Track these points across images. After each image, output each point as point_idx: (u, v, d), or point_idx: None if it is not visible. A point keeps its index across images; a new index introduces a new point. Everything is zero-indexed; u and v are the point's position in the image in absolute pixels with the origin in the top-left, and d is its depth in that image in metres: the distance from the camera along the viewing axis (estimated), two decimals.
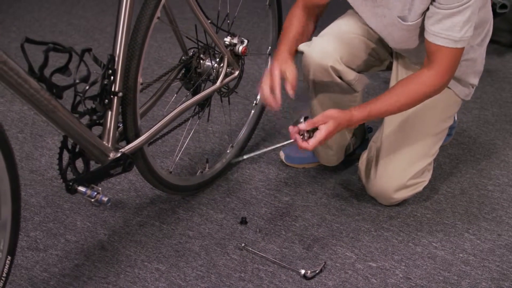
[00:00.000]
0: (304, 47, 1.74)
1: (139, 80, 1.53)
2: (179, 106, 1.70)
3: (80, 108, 1.45)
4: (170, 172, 1.81)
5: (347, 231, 1.79)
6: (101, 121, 1.51)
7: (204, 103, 1.83)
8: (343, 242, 1.75)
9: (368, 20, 1.71)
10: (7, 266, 1.33)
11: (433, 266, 1.68)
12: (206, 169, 1.92)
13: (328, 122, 1.56)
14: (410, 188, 1.82)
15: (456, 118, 2.21)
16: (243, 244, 1.70)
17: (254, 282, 1.60)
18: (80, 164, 1.50)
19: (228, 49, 1.79)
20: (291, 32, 1.71)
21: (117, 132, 1.55)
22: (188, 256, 1.68)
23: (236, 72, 1.83)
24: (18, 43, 2.88)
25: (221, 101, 1.94)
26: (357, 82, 1.80)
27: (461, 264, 1.69)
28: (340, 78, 1.77)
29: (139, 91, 1.55)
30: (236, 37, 1.80)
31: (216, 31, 1.75)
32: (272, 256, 1.68)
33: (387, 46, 1.81)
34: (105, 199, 1.45)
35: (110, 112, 1.50)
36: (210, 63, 1.77)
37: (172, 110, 1.69)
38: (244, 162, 2.08)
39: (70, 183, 1.45)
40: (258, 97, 2.08)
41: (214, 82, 1.79)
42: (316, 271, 1.63)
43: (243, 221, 1.80)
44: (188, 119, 1.87)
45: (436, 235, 1.80)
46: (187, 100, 1.74)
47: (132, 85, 1.51)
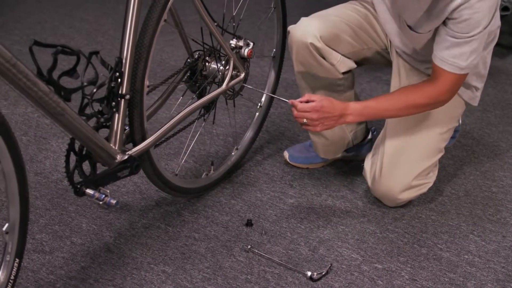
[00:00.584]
0: (290, 26, 1.82)
1: (146, 82, 1.53)
2: (185, 108, 1.70)
3: (87, 110, 1.45)
4: (176, 174, 1.81)
5: (353, 233, 1.80)
6: (108, 123, 1.51)
7: (209, 106, 1.83)
8: (348, 244, 1.75)
9: (383, 19, 1.76)
10: (15, 268, 1.33)
11: (438, 267, 1.68)
12: (211, 171, 1.92)
13: (324, 99, 1.62)
14: (415, 188, 1.83)
15: (460, 121, 2.22)
16: (249, 246, 1.71)
17: (261, 284, 1.60)
18: (85, 167, 1.50)
19: (233, 51, 1.79)
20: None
21: (123, 134, 1.55)
22: (194, 258, 1.68)
23: (242, 75, 1.83)
24: (21, 45, 2.87)
25: (226, 103, 1.94)
26: (339, 63, 1.82)
27: (466, 266, 1.70)
28: (324, 59, 1.80)
29: (146, 93, 1.55)
30: (242, 39, 1.80)
31: (222, 33, 1.75)
32: (278, 258, 1.68)
33: (376, 37, 1.85)
34: (113, 201, 1.45)
35: (117, 115, 1.50)
36: (215, 66, 1.77)
37: (178, 113, 1.69)
38: (249, 164, 2.09)
39: (78, 186, 1.45)
40: (263, 99, 2.08)
41: (219, 85, 1.79)
42: (322, 273, 1.63)
43: (249, 223, 1.80)
44: (193, 121, 1.87)
45: (441, 236, 1.80)
46: (193, 102, 1.74)
47: (139, 87, 1.52)
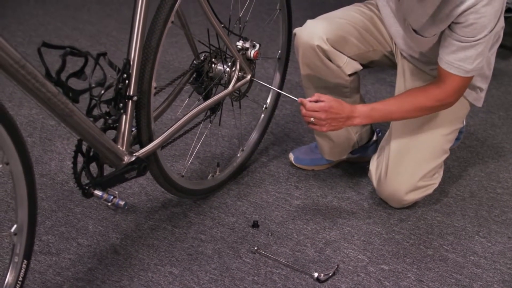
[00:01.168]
0: (296, 29, 1.82)
1: (153, 84, 1.54)
2: (192, 110, 1.71)
3: (95, 112, 1.45)
4: (182, 176, 1.81)
5: (359, 234, 1.80)
6: (115, 125, 1.51)
7: (215, 107, 1.83)
8: (355, 245, 1.75)
9: (388, 22, 1.76)
10: (23, 270, 1.33)
11: (444, 268, 1.69)
12: (217, 172, 1.92)
13: (333, 100, 1.63)
14: (421, 190, 1.83)
15: (464, 122, 2.22)
16: (255, 248, 1.71)
17: (268, 285, 1.60)
18: (91, 169, 1.51)
19: (240, 53, 1.79)
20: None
21: (131, 136, 1.55)
22: (201, 259, 1.68)
23: (248, 76, 1.84)
24: (24, 47, 2.88)
25: (232, 105, 1.94)
26: (346, 65, 1.83)
27: (472, 267, 1.70)
28: (330, 61, 1.80)
29: (153, 95, 1.55)
30: (248, 41, 1.81)
31: (228, 35, 1.75)
32: (285, 259, 1.69)
33: (381, 39, 1.85)
34: (121, 202, 1.45)
35: (124, 116, 1.50)
36: (222, 67, 1.77)
37: (185, 114, 1.70)
38: (254, 166, 2.09)
39: (86, 187, 1.45)
40: (268, 101, 2.08)
41: (225, 86, 1.79)
42: (329, 274, 1.63)
43: (255, 224, 1.80)
44: (199, 123, 1.87)
45: (446, 237, 1.80)
46: (200, 104, 1.74)
47: (147, 89, 1.52)
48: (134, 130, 1.58)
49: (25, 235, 1.31)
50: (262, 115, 2.09)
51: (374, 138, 2.10)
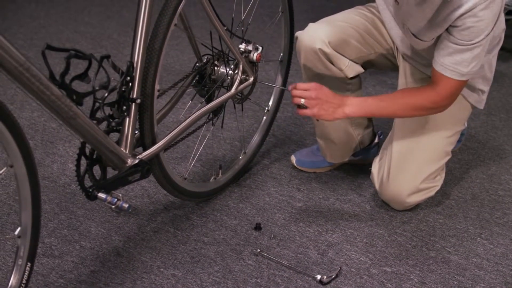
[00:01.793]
0: (298, 32, 1.83)
1: (156, 86, 1.54)
2: (195, 112, 1.71)
3: (98, 114, 1.45)
4: (185, 178, 1.82)
5: (361, 236, 1.80)
6: (119, 127, 1.51)
7: (218, 110, 1.83)
8: (357, 247, 1.76)
9: (389, 25, 1.77)
10: (27, 272, 1.34)
11: (447, 270, 1.69)
12: (220, 175, 1.92)
13: (323, 86, 1.64)
14: (423, 192, 1.83)
15: (466, 124, 2.23)
16: (258, 250, 1.71)
17: (271, 287, 1.60)
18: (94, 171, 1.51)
19: (242, 55, 1.80)
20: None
21: (134, 138, 1.55)
22: (203, 262, 1.68)
23: (251, 79, 1.84)
24: (25, 50, 2.88)
25: (234, 107, 1.95)
26: (347, 68, 1.83)
27: (475, 269, 1.70)
28: (332, 64, 1.81)
29: (156, 97, 1.56)
30: (251, 44, 1.81)
31: (231, 37, 1.76)
32: (288, 261, 1.69)
33: (383, 42, 1.86)
34: (125, 205, 1.45)
35: (128, 119, 1.51)
36: (224, 70, 1.77)
37: (187, 117, 1.70)
38: (256, 168, 2.09)
39: (90, 190, 1.45)
40: (270, 103, 2.09)
41: (228, 89, 1.80)
42: (332, 276, 1.64)
43: (257, 227, 1.80)
44: (202, 125, 1.87)
45: (449, 240, 1.81)
46: (202, 106, 1.75)
47: (150, 91, 1.52)
48: (137, 132, 1.58)
49: (29, 237, 1.31)
50: (264, 118, 2.09)
51: (376, 141, 2.10)
